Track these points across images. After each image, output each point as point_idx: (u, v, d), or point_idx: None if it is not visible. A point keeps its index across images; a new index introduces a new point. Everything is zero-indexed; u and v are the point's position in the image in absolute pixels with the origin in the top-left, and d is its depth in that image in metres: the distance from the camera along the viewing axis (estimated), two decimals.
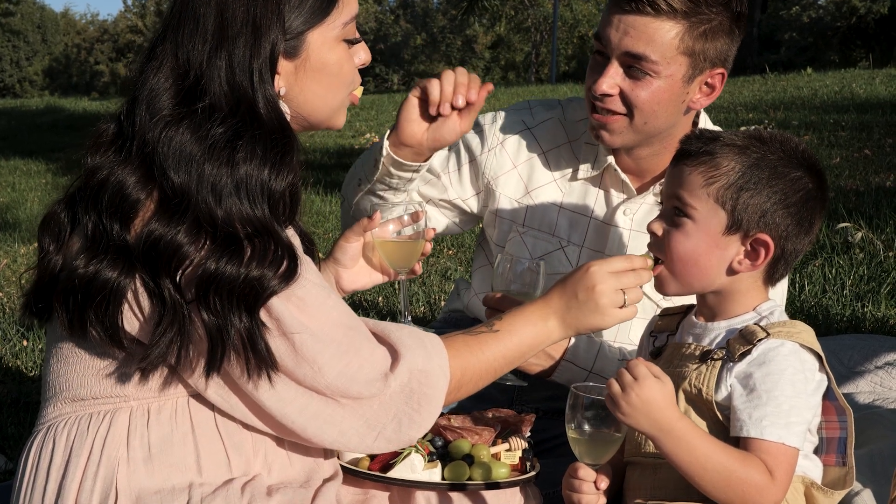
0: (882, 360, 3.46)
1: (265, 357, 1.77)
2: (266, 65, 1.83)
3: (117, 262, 1.77)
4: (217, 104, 1.80)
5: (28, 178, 12.89)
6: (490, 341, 1.99)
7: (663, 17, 2.34)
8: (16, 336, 5.12)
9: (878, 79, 16.47)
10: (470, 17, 22.05)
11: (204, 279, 1.73)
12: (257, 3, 1.82)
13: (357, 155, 13.04)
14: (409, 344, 1.89)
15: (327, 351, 1.80)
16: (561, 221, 2.67)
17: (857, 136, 10.34)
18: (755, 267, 2.03)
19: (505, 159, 2.72)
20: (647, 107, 2.42)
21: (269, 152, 1.80)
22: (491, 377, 2.01)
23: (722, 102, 14.87)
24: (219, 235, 1.75)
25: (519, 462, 2.20)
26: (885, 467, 2.39)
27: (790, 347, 1.95)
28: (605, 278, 2.01)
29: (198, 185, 1.75)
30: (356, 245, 2.31)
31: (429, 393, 1.88)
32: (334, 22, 1.92)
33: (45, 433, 1.89)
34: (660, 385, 1.88)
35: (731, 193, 2.00)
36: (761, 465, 1.88)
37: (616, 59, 2.40)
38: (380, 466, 2.10)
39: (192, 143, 1.77)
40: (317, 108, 1.97)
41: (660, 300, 2.58)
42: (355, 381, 1.81)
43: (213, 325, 1.74)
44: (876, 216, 6.21)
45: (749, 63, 26.62)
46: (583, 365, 2.46)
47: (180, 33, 1.83)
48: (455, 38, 55.51)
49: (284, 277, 1.77)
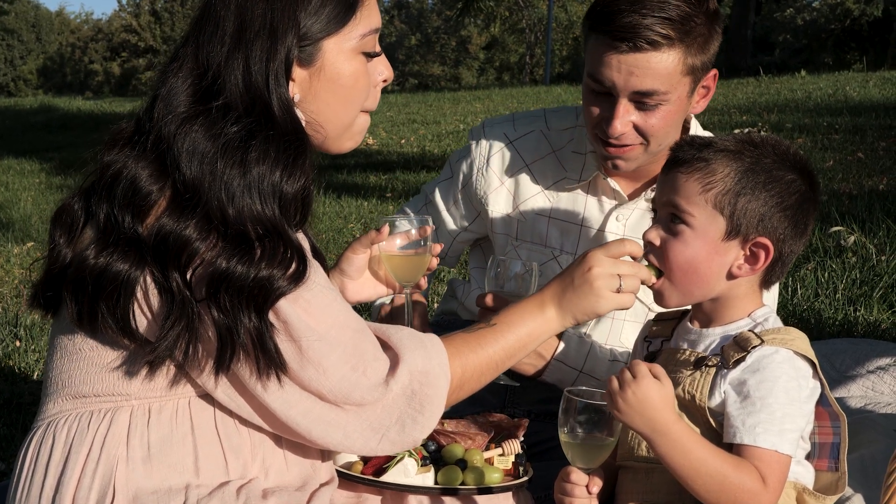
0: (874, 364, 3.46)
1: (274, 357, 1.78)
2: (282, 68, 1.85)
3: (128, 255, 1.78)
4: (233, 104, 1.83)
5: (21, 177, 12.87)
6: (489, 337, 2.00)
7: (662, 48, 2.33)
8: (8, 336, 5.11)
9: (872, 82, 16.49)
10: (465, 17, 22.04)
11: (214, 277, 1.74)
12: (275, 8, 1.85)
13: (351, 155, 13.03)
14: (409, 345, 1.90)
15: (333, 354, 1.81)
16: (551, 231, 2.68)
17: (850, 140, 10.34)
18: (755, 271, 2.04)
19: (492, 176, 2.74)
20: (661, 132, 2.43)
21: (282, 154, 1.82)
22: (493, 372, 2.02)
23: (716, 105, 14.89)
24: (229, 234, 1.76)
25: (512, 467, 2.20)
26: (876, 472, 2.39)
27: (784, 355, 1.96)
28: (601, 261, 2.02)
29: (210, 182, 1.77)
30: (363, 257, 2.32)
31: (430, 393, 1.89)
32: (352, 32, 1.92)
33: (45, 429, 1.90)
34: (658, 385, 1.88)
35: (729, 199, 2.01)
36: (754, 471, 1.88)
37: (623, 98, 2.39)
38: (373, 470, 2.10)
39: (206, 140, 1.79)
40: (328, 120, 1.97)
41: (651, 304, 2.58)
42: (358, 386, 1.82)
43: (222, 324, 1.75)
44: (869, 220, 6.20)
45: (743, 65, 26.66)
46: (573, 365, 2.46)
47: (201, 35, 1.87)
48: (450, 38, 55.50)
49: (294, 278, 1.78)
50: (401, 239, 2.30)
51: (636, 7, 2.32)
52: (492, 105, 18.67)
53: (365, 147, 13.88)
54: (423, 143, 13.83)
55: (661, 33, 2.31)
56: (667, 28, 2.31)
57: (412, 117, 17.57)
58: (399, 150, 13.18)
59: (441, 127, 15.61)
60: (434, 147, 13.14)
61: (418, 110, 18.91)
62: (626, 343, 2.62)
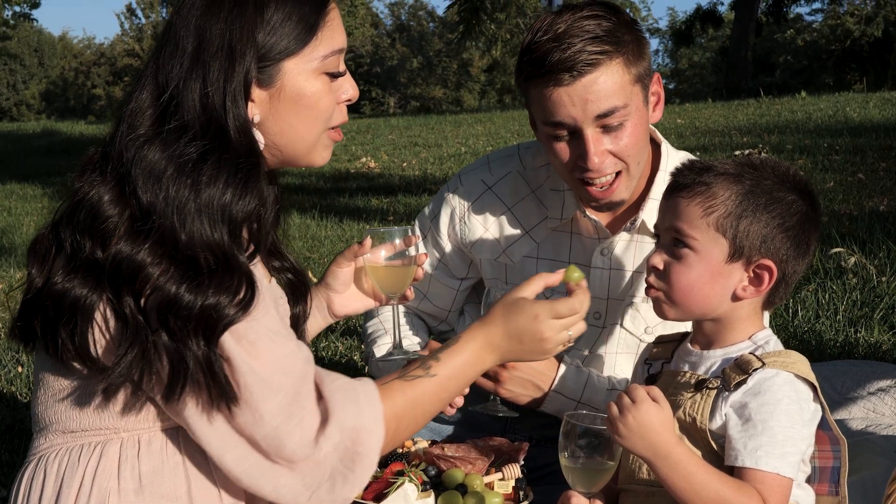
0: (875, 385, 3.46)
1: (224, 388, 1.74)
2: (240, 89, 1.83)
3: (88, 280, 1.76)
4: (189, 124, 1.81)
5: (24, 202, 12.88)
6: (426, 387, 1.93)
7: (602, 65, 2.34)
8: (10, 362, 5.11)
9: (872, 102, 16.54)
10: (466, 40, 22.11)
11: (163, 303, 1.72)
12: (234, 28, 1.83)
13: (352, 179, 13.07)
14: (340, 399, 1.83)
15: (273, 400, 1.76)
16: (540, 272, 2.68)
17: (850, 160, 10.36)
18: (759, 293, 2.05)
19: (475, 225, 2.74)
20: (634, 149, 2.43)
21: (234, 177, 1.80)
22: (427, 420, 1.97)
23: (717, 126, 14.94)
24: (180, 259, 1.74)
25: (512, 491, 2.21)
26: (876, 494, 2.39)
27: (785, 378, 1.96)
28: (552, 326, 2.00)
29: (163, 206, 1.75)
30: (347, 270, 2.31)
31: (361, 451, 1.83)
32: (313, 53, 1.90)
33: (36, 464, 1.88)
34: (657, 409, 1.89)
35: (731, 221, 2.02)
36: (756, 494, 1.88)
37: (589, 128, 2.38)
38: (373, 496, 2.10)
39: (162, 161, 1.77)
40: (292, 141, 1.95)
41: (641, 335, 2.59)
42: (290, 438, 1.77)
43: (172, 350, 1.72)
44: (869, 241, 6.21)
45: (743, 86, 26.76)
46: (571, 396, 2.47)
47: (161, 55, 1.85)
48: (451, 61, 55.72)
49: (241, 306, 1.74)
50: (386, 250, 2.28)
51: (561, 41, 2.33)
52: (493, 127, 18.71)
53: (366, 170, 13.91)
54: (424, 166, 13.85)
55: (595, 52, 2.33)
56: (598, 45, 2.33)
57: (414, 140, 17.61)
58: (401, 174, 13.20)
59: (443, 150, 15.64)
60: (436, 170, 13.16)
61: (420, 133, 18.95)
62: (620, 374, 2.63)
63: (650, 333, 2.57)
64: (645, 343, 2.57)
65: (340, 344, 5.12)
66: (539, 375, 2.43)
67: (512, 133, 17.17)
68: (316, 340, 5.17)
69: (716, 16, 36.94)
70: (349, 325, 5.47)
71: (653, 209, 2.47)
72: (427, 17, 61.60)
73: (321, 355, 4.96)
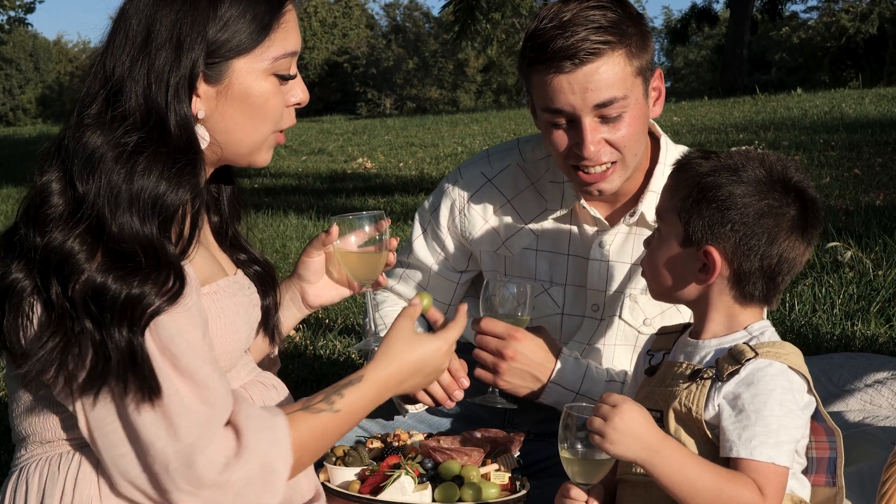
0: (872, 378, 3.46)
1: (147, 380, 1.71)
2: (184, 83, 1.82)
3: (24, 266, 1.75)
4: (130, 113, 1.80)
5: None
6: (330, 422, 1.91)
7: (605, 55, 2.35)
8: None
9: (868, 98, 16.56)
10: (462, 41, 22.09)
11: (90, 292, 1.70)
12: (185, 21, 1.81)
13: (349, 179, 13.06)
14: (255, 427, 1.80)
15: (189, 416, 1.73)
16: (540, 265, 2.69)
17: (846, 156, 10.38)
18: (709, 280, 2.05)
19: (475, 217, 2.75)
20: (631, 141, 2.44)
21: (168, 170, 1.78)
22: (323, 452, 1.96)
23: (713, 123, 14.95)
24: (109, 249, 1.73)
25: (509, 482, 2.21)
26: (874, 485, 2.39)
27: (778, 367, 1.96)
28: (449, 356, 2.06)
29: (96, 195, 1.74)
30: (318, 260, 2.29)
31: (271, 479, 1.80)
32: (264, 54, 1.89)
33: (18, 475, 1.87)
34: (638, 407, 1.91)
35: (686, 205, 2.04)
36: (752, 483, 1.89)
37: (587, 117, 2.39)
38: (370, 489, 2.11)
39: (101, 148, 1.77)
40: (236, 139, 1.93)
41: (640, 327, 2.60)
42: (201, 457, 1.73)
43: (96, 339, 1.70)
44: (865, 235, 6.23)
45: (739, 84, 26.77)
46: (570, 387, 2.47)
47: (112, 42, 1.84)
48: (447, 61, 55.70)
49: (168, 297, 1.73)
50: (356, 237, 2.25)
51: (565, 29, 2.35)
52: (489, 127, 18.71)
53: (363, 171, 13.91)
54: (421, 166, 13.84)
55: (598, 41, 2.34)
56: (602, 35, 2.34)
57: (410, 140, 17.61)
58: (397, 174, 13.20)
59: (439, 150, 15.63)
60: (432, 170, 13.15)
61: (416, 133, 18.95)
62: (618, 365, 2.63)
63: (649, 325, 2.57)
64: (643, 335, 2.58)
65: (338, 342, 5.12)
66: (538, 367, 2.43)
67: (508, 132, 17.18)
68: (314, 339, 5.17)
69: (711, 14, 37.01)
70: (346, 323, 5.48)
71: (651, 202, 2.48)
72: (423, 17, 61.64)
73: (319, 353, 4.96)
